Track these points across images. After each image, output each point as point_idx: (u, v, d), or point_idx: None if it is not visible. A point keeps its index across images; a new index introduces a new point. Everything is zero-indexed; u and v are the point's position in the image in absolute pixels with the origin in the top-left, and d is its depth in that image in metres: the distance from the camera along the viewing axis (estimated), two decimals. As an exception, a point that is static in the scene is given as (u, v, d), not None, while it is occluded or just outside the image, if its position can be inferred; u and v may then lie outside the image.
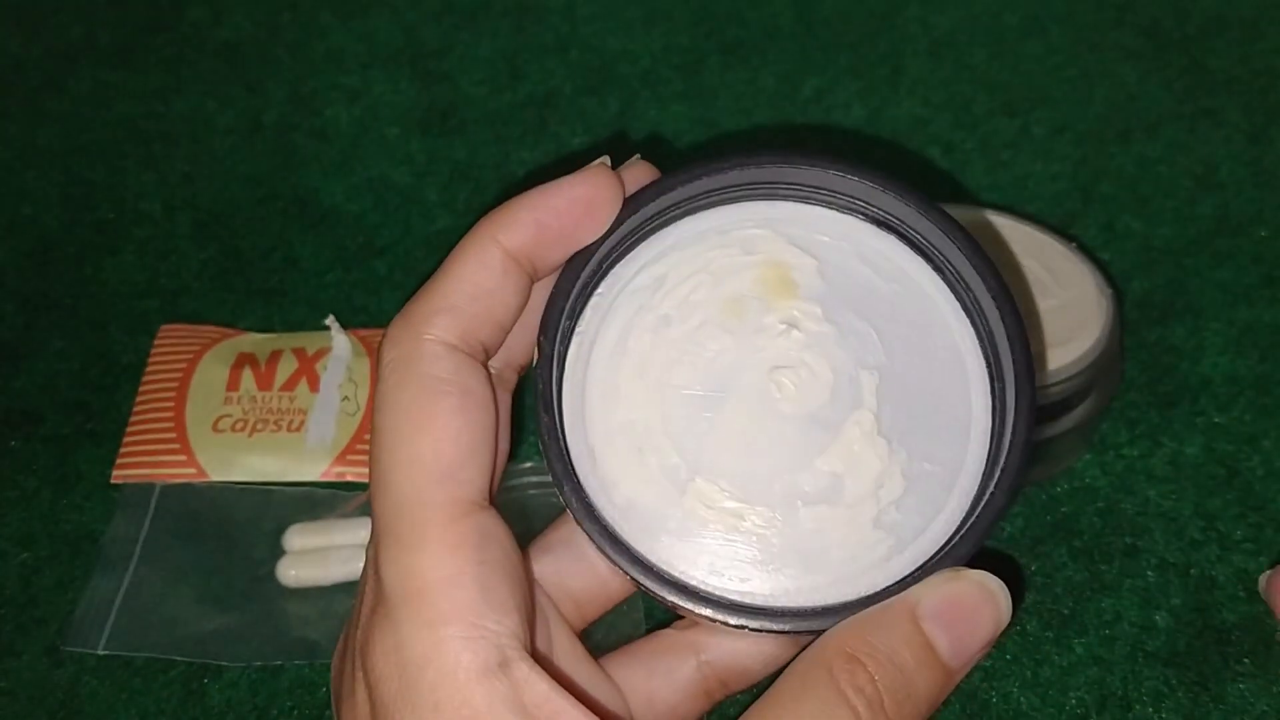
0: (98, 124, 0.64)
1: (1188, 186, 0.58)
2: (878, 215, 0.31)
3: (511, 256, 0.28)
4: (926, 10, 0.67)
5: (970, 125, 0.61)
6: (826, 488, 0.29)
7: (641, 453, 0.29)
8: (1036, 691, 0.42)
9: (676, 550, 0.29)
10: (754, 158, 0.30)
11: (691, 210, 0.31)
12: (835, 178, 0.31)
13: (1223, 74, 0.63)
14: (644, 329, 0.30)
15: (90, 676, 0.44)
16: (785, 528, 0.29)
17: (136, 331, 0.54)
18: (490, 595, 0.25)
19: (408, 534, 0.26)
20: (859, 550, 0.29)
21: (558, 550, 0.33)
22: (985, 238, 0.47)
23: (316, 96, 0.65)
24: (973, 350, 0.30)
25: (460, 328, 0.28)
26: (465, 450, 0.27)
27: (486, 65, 0.66)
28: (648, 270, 0.31)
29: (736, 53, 0.66)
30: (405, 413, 0.27)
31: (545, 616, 0.31)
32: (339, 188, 0.61)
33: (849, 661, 0.26)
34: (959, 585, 0.27)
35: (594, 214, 0.29)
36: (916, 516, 0.29)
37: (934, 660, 0.26)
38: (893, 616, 0.27)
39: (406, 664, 0.25)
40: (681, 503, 0.29)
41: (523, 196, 0.29)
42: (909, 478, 0.29)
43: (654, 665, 0.33)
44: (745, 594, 0.28)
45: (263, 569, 0.46)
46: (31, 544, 0.48)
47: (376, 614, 0.26)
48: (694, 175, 0.30)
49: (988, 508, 0.28)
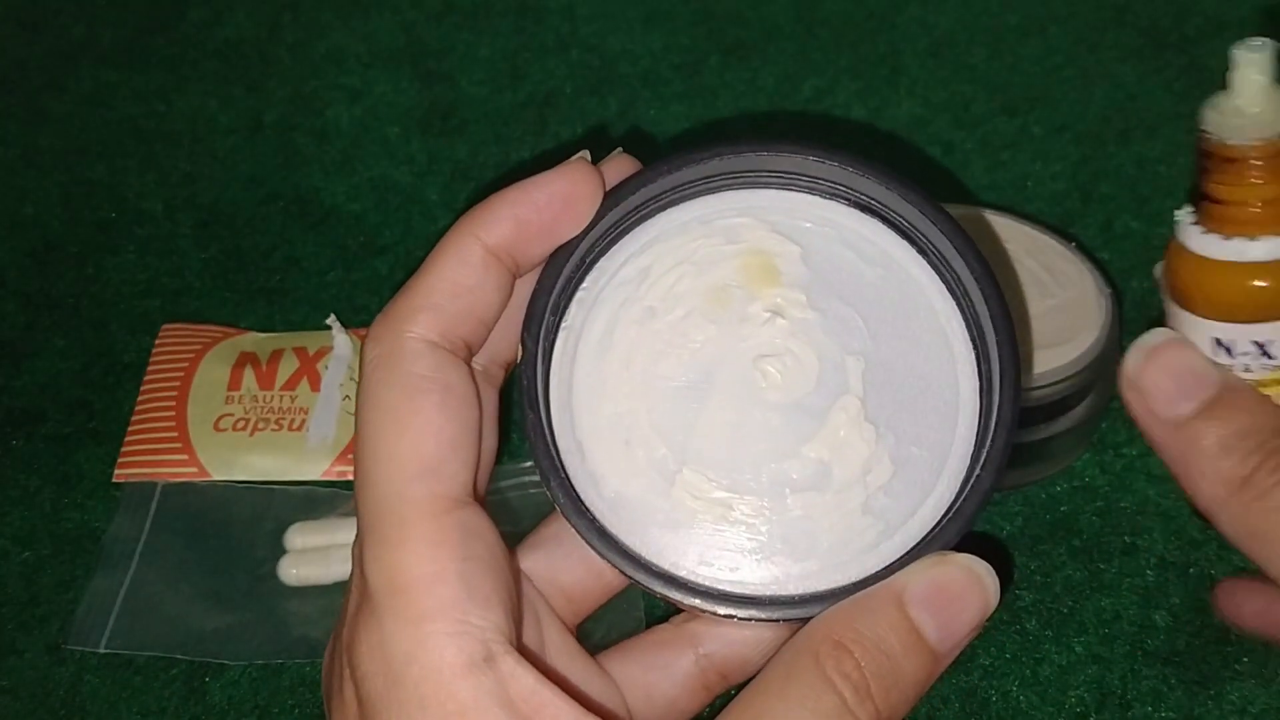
0: (99, 124, 0.64)
1: (1187, 186, 0.58)
2: (860, 199, 0.31)
3: (492, 253, 0.28)
4: (926, 10, 0.67)
5: (970, 125, 0.61)
6: (814, 475, 0.29)
7: (629, 445, 0.29)
8: (1036, 690, 0.42)
9: (666, 541, 0.29)
10: (734, 146, 0.30)
11: (674, 201, 0.31)
12: (814, 163, 0.30)
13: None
14: (629, 321, 0.30)
15: (92, 675, 0.44)
16: (774, 516, 0.29)
17: (138, 331, 0.55)
18: (474, 590, 0.26)
19: (390, 531, 0.26)
20: (848, 536, 0.29)
21: (548, 546, 0.33)
22: (984, 237, 0.47)
23: (317, 96, 0.65)
24: (959, 332, 0.30)
25: (441, 325, 0.28)
26: (447, 446, 0.27)
27: (487, 65, 0.66)
28: (632, 262, 0.31)
29: (737, 53, 0.66)
30: (387, 410, 0.27)
31: (536, 613, 0.31)
32: (340, 187, 0.61)
33: (835, 648, 0.26)
34: (945, 569, 0.27)
35: (574, 209, 0.29)
36: (905, 501, 0.29)
37: (921, 645, 0.26)
38: (879, 602, 0.27)
39: (391, 661, 0.25)
40: (670, 494, 0.29)
41: (502, 193, 0.29)
42: (897, 462, 0.29)
43: (651, 659, 0.33)
44: (735, 583, 0.28)
45: (264, 568, 0.46)
46: (33, 543, 0.48)
47: (361, 611, 0.26)
48: (675, 166, 0.30)
49: (974, 490, 0.28)
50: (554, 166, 0.29)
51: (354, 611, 0.27)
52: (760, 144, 0.30)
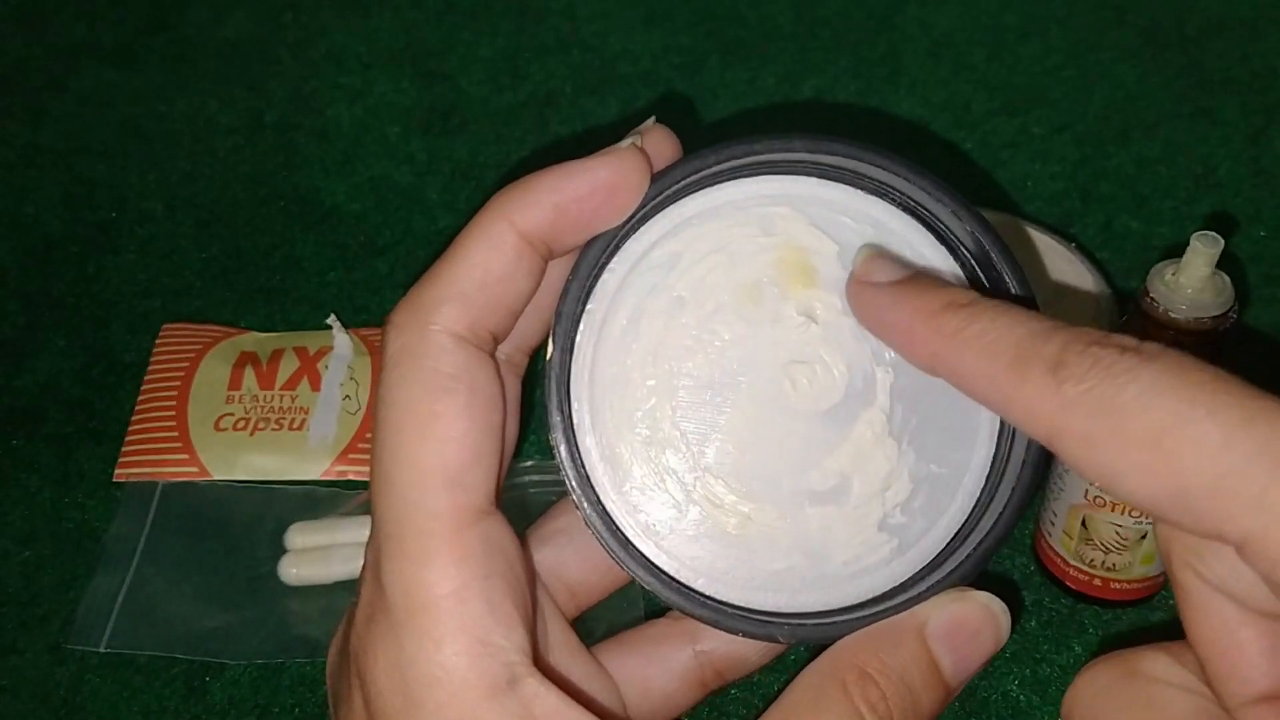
0: (100, 123, 0.64)
1: (1186, 186, 0.58)
2: (905, 202, 0.29)
3: (525, 239, 0.27)
4: (926, 11, 0.67)
5: (970, 125, 0.61)
6: (834, 488, 0.29)
7: (648, 444, 0.29)
8: (1035, 690, 0.42)
9: (682, 548, 0.28)
10: (785, 138, 0.28)
11: (709, 183, 0.29)
12: (860, 160, 0.29)
13: (1221, 74, 0.64)
14: (657, 311, 0.29)
15: (92, 674, 0.44)
16: (792, 527, 0.28)
17: (138, 330, 0.55)
18: (496, 609, 0.25)
19: (412, 544, 0.25)
20: (862, 552, 0.28)
21: (556, 541, 0.33)
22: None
23: (318, 96, 0.65)
24: None
25: (469, 317, 0.26)
26: (471, 453, 0.26)
27: (488, 65, 0.66)
28: (662, 246, 0.29)
29: (737, 53, 0.66)
30: (410, 411, 0.26)
31: (541, 610, 0.31)
32: (340, 187, 0.61)
33: (862, 678, 0.26)
34: (965, 606, 0.27)
35: (617, 199, 0.27)
36: (921, 519, 0.29)
37: (938, 679, 0.27)
38: (902, 634, 0.27)
39: (410, 681, 0.25)
40: (688, 498, 0.29)
41: (541, 175, 0.27)
42: (916, 480, 0.29)
43: (650, 654, 0.33)
44: (750, 597, 0.28)
45: (264, 567, 0.46)
46: (34, 542, 0.48)
47: (376, 622, 0.26)
48: (722, 155, 0.28)
49: (997, 526, 0.28)
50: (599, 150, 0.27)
51: (366, 619, 0.26)
52: (809, 136, 0.28)
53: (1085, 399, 0.22)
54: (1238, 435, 0.20)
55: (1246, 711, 0.23)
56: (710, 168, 0.28)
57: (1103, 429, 0.22)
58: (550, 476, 0.48)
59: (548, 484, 0.48)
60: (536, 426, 0.49)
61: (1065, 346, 0.23)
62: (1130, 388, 0.21)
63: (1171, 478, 0.21)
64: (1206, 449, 0.20)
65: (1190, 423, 0.21)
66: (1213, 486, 0.21)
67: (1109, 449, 0.22)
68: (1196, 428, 0.21)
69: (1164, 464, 0.21)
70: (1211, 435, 0.20)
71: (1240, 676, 0.23)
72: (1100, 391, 0.22)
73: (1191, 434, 0.21)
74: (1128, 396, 0.21)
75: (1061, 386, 0.22)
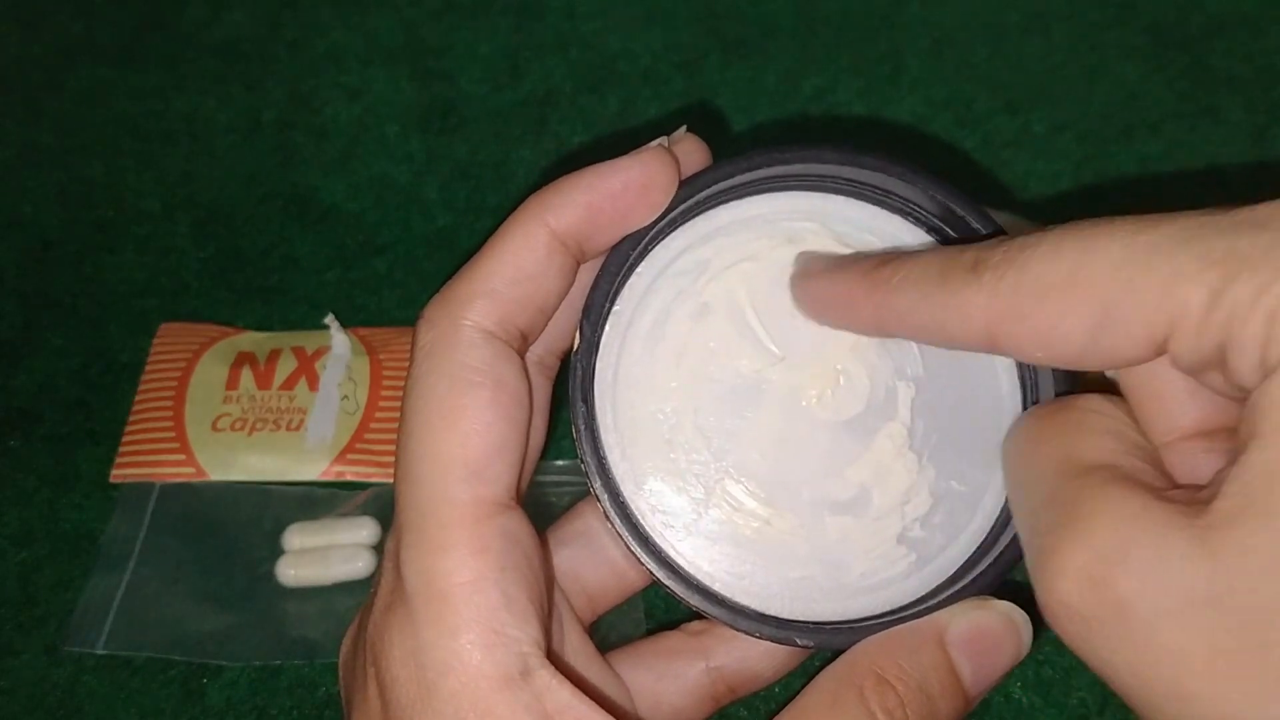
0: (97, 122, 0.64)
1: (1190, 185, 0.58)
2: (931, 221, 0.30)
3: (559, 239, 0.27)
4: (927, 8, 0.67)
5: (971, 123, 0.61)
6: (854, 499, 0.29)
7: (670, 445, 0.29)
8: (1039, 691, 0.42)
9: (700, 550, 0.28)
10: (815, 150, 0.29)
11: (741, 195, 0.30)
12: (893, 179, 0.29)
13: (1225, 72, 0.63)
14: (682, 316, 0.29)
15: (89, 676, 0.44)
16: (811, 536, 0.28)
17: (136, 330, 0.54)
18: (512, 601, 0.25)
19: (432, 534, 0.25)
20: (880, 564, 0.28)
21: (575, 544, 0.33)
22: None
23: (316, 95, 0.65)
24: (1008, 369, 0.30)
25: (499, 313, 0.27)
26: (494, 446, 0.26)
27: (486, 63, 0.66)
28: (690, 253, 0.30)
29: (737, 51, 0.66)
30: (435, 402, 0.26)
31: (559, 613, 0.31)
32: (339, 186, 0.60)
33: (879, 683, 0.26)
34: (986, 615, 0.27)
35: (649, 198, 0.28)
36: (940, 535, 0.29)
37: (957, 688, 0.26)
38: (921, 640, 0.27)
39: (425, 669, 0.25)
40: (708, 502, 0.28)
41: (575, 176, 0.28)
42: (936, 495, 0.29)
43: (662, 668, 0.33)
44: (769, 604, 0.28)
45: (262, 568, 0.46)
46: (30, 543, 0.48)
47: (394, 611, 0.26)
48: (753, 163, 0.29)
49: (1014, 544, 0.27)
50: (631, 151, 0.28)
51: (385, 607, 0.26)
52: (842, 150, 0.29)
53: (1004, 278, 0.23)
54: (1135, 241, 0.22)
55: (1173, 447, 0.24)
56: (739, 174, 0.29)
57: (1027, 297, 0.23)
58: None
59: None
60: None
61: (978, 250, 0.24)
62: (1038, 250, 0.23)
63: (1095, 303, 0.22)
64: (1110, 261, 0.22)
65: (1093, 251, 0.22)
66: (1125, 297, 0.22)
67: (1038, 311, 0.23)
68: (1100, 251, 0.22)
69: (1084, 294, 0.22)
70: (1113, 250, 0.22)
71: (1167, 415, 0.24)
72: (1015, 264, 0.23)
73: (1097, 257, 0.22)
74: (1037, 257, 0.23)
75: (982, 278, 0.24)
